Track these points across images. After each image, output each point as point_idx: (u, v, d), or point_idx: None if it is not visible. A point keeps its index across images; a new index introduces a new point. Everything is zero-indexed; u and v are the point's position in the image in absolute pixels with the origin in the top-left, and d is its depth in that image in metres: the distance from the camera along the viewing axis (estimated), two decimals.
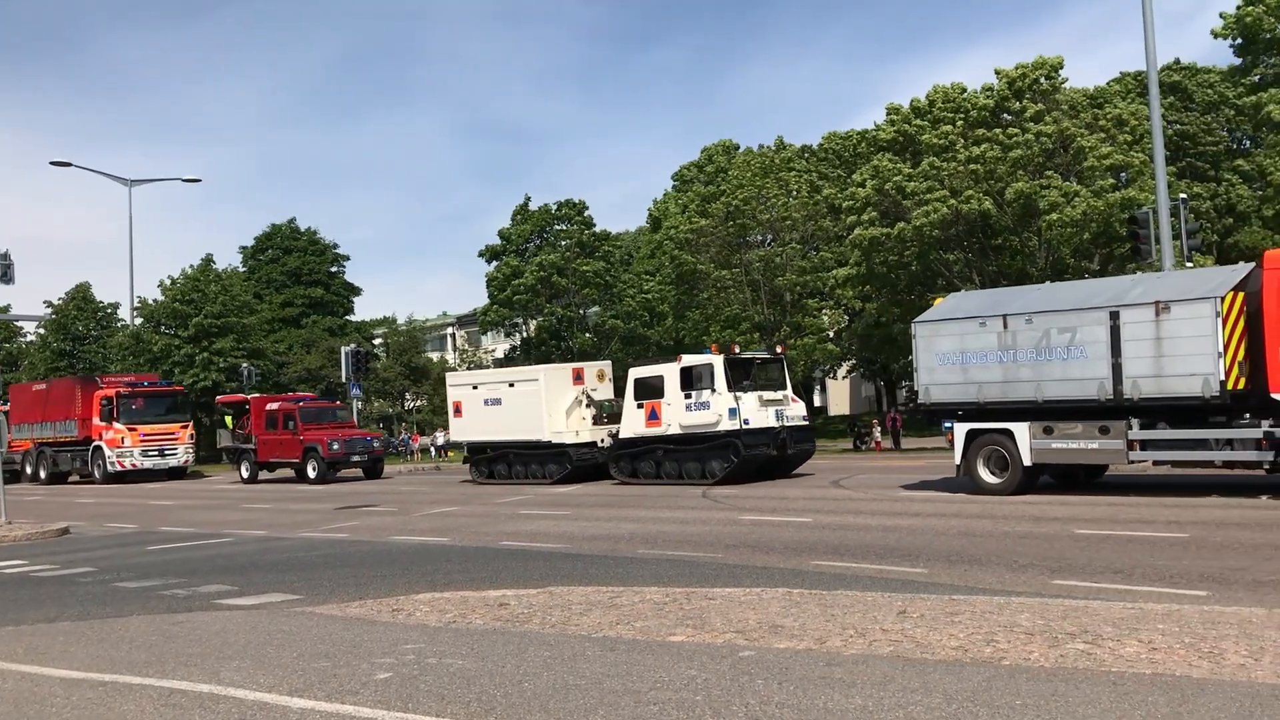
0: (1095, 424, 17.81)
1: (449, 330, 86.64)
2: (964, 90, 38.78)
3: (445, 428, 50.31)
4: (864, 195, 38.64)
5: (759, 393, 25.10)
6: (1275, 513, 14.69)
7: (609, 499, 23.21)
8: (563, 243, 57.98)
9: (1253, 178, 42.70)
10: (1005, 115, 37.54)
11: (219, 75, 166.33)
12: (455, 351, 74.13)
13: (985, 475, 19.22)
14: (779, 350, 28.59)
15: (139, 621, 10.45)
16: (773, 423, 25.00)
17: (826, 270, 44.42)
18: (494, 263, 59.20)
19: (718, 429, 24.57)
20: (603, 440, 28.08)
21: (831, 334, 49.28)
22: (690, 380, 25.24)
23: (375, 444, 36.77)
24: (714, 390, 24.68)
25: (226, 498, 30.46)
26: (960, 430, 19.51)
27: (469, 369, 61.82)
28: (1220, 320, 16.32)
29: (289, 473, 36.93)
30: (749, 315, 44.14)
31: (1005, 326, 18.80)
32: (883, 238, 37.14)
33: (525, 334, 59.09)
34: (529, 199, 59.44)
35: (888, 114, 41.05)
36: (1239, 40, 33.04)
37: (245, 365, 49.84)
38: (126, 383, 42.88)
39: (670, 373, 25.72)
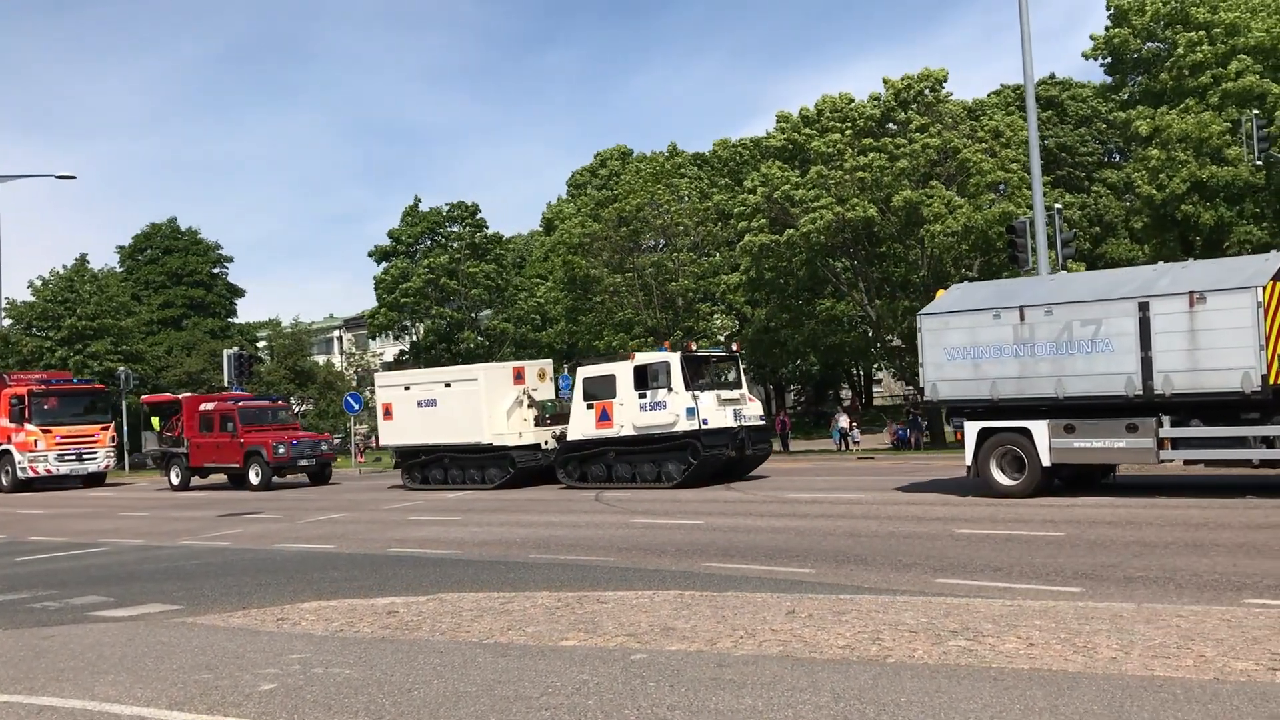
0: (1122, 421, 16.85)
1: (336, 333, 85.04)
2: (851, 100, 39.60)
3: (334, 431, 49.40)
4: (754, 201, 39.16)
5: (716, 392, 24.30)
6: (1144, 511, 15.32)
7: (502, 504, 23.05)
8: (453, 244, 57.45)
9: (1121, 190, 44.55)
10: (891, 125, 38.45)
11: (97, 67, 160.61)
12: (342, 355, 72.78)
13: (998, 476, 18.08)
14: (734, 348, 27.60)
15: (5, 637, 9.99)
16: (731, 422, 24.22)
17: (718, 275, 44.89)
18: (383, 264, 58.35)
19: (675, 429, 23.73)
20: (546, 442, 26.96)
21: (723, 339, 49.83)
22: (644, 379, 24.30)
23: (324, 447, 34.31)
24: (670, 389, 23.80)
25: (110, 505, 29.35)
26: (971, 429, 18.38)
27: (355, 372, 60.79)
28: (1262, 311, 15.43)
29: (222, 478, 34.88)
30: (642, 319, 44.34)
31: (1022, 319, 17.64)
32: (772, 244, 37.68)
33: (414, 337, 58.34)
34: (419, 200, 58.83)
35: (777, 122, 41.68)
36: (1108, 59, 34.45)
37: (122, 369, 47.94)
38: (39, 380, 39.63)
39: (622, 371, 24.77)
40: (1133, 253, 39.93)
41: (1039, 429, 17.58)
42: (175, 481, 34.74)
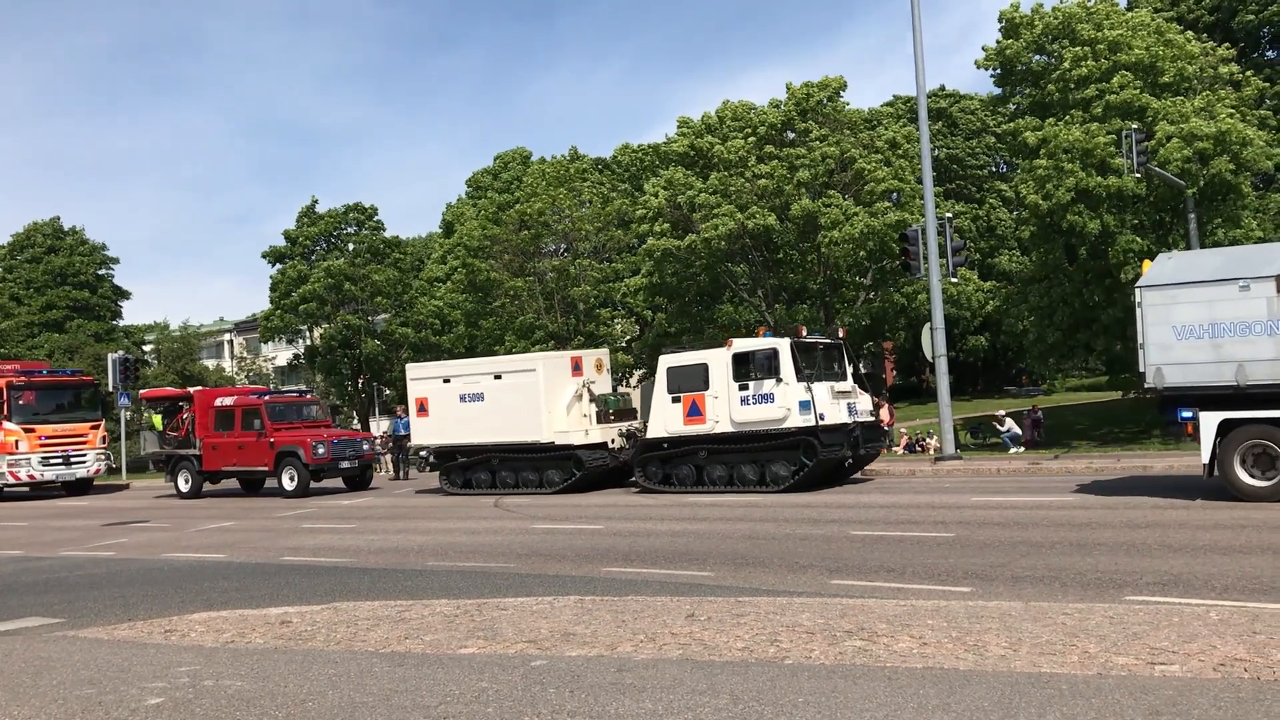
0: None
1: (227, 337, 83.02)
2: (753, 107, 40.12)
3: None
4: (656, 204, 39.37)
5: (829, 383, 21.59)
6: (1030, 512, 15.78)
7: (398, 511, 22.72)
8: (350, 246, 56.52)
9: (1012, 203, 45.92)
10: (790, 134, 39.05)
11: None
12: (234, 359, 71.06)
13: (1245, 477, 15.55)
14: (840, 334, 24.40)
15: None
16: (845, 418, 21.48)
17: (619, 280, 45.00)
18: (278, 266, 57.12)
19: (784, 426, 20.97)
20: (613, 440, 24.42)
21: (624, 343, 49.96)
22: (746, 368, 21.53)
23: (365, 446, 30.53)
24: (779, 380, 21.00)
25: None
26: (1209, 421, 15.78)
27: (247, 379, 59.40)
28: None
29: (233, 484, 31.64)
30: (542, 324, 44.21)
31: (1279, 290, 15.12)
32: (674, 249, 37.92)
33: (310, 342, 57.22)
34: (316, 201, 57.70)
35: (679, 127, 42.01)
36: (999, 71, 35.49)
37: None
38: (18, 370, 34.99)
39: (718, 360, 21.92)
40: (1020, 264, 41.19)
41: None
42: (184, 487, 30.88)
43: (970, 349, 58.07)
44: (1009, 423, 33.14)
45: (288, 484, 28.51)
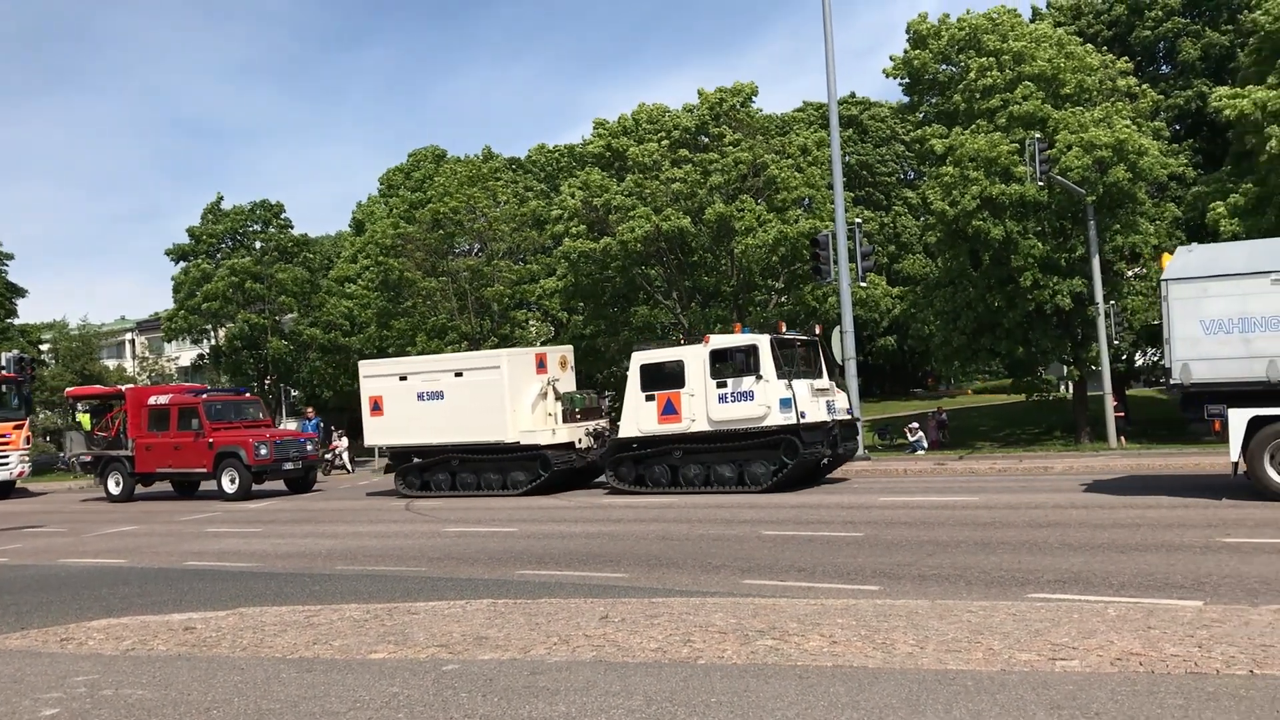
0: None
1: (129, 336, 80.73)
2: (666, 111, 40.29)
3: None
4: (572, 205, 39.33)
5: (808, 381, 21.25)
6: (936, 512, 16.11)
7: (307, 514, 22.31)
8: (257, 245, 55.35)
9: (918, 210, 46.85)
10: (704, 138, 39.31)
11: None
12: (136, 359, 69.13)
13: (1275, 475, 15.13)
14: (816, 330, 23.85)
15: None
16: (825, 416, 21.18)
17: (534, 281, 44.82)
18: (181, 264, 55.70)
19: (765, 424, 20.58)
20: (580, 440, 23.97)
21: (539, 345, 49.75)
22: (724, 365, 21.15)
23: (309, 447, 29.35)
24: (760, 377, 20.57)
25: None
26: (1239, 418, 15.29)
27: (150, 379, 57.86)
28: None
29: (165, 486, 30.44)
30: (456, 325, 43.80)
31: None
32: (590, 251, 37.91)
33: (214, 342, 55.89)
34: (221, 198, 56.39)
35: (595, 128, 42.01)
36: (907, 80, 36.18)
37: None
38: None
39: (694, 357, 21.42)
40: (927, 268, 42.05)
41: None
42: (115, 490, 29.56)
43: (879, 351, 59.11)
44: (920, 434, 34.09)
45: (228, 486, 27.52)
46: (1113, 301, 30.40)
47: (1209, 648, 6.66)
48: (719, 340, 21.59)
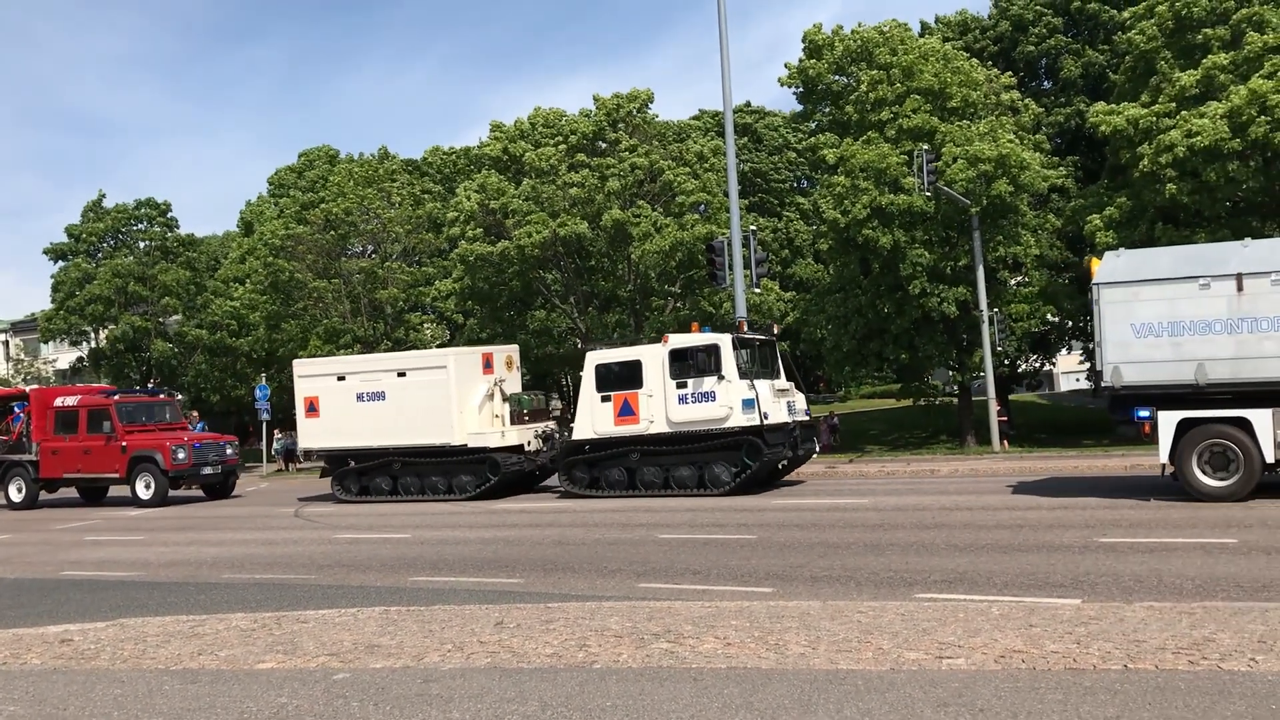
0: None
1: (2, 337, 77.46)
2: (564, 115, 40.26)
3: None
4: (469, 208, 39.01)
5: (769, 381, 20.84)
6: (828, 514, 16.40)
7: (189, 521, 21.68)
8: (141, 244, 53.60)
9: (810, 217, 47.59)
10: (601, 143, 39.40)
11: None
12: (9, 361, 66.36)
13: (1201, 477, 15.33)
14: (774, 329, 23.33)
15: None
16: (786, 417, 20.80)
17: (429, 284, 44.32)
18: (60, 264, 53.62)
19: (726, 425, 20.09)
20: (529, 443, 23.21)
21: (435, 348, 49.19)
22: (684, 365, 20.54)
23: (229, 450, 27.99)
24: (721, 377, 20.11)
25: None
26: (1168, 420, 15.49)
27: (25, 382, 55.58)
28: None
29: (71, 493, 28.89)
30: (349, 328, 43.06)
31: (1240, 288, 14.92)
32: (486, 254, 37.65)
33: (95, 344, 53.93)
34: (104, 195, 54.41)
35: (491, 131, 41.74)
36: (801, 89, 36.75)
37: None
38: None
39: (652, 357, 20.85)
40: (818, 273, 42.77)
41: (1262, 419, 14.92)
42: (17, 497, 27.88)
43: None
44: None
45: (143, 492, 26.24)
46: (996, 309, 31.32)
47: (1087, 644, 6.91)
48: (678, 340, 21.14)
